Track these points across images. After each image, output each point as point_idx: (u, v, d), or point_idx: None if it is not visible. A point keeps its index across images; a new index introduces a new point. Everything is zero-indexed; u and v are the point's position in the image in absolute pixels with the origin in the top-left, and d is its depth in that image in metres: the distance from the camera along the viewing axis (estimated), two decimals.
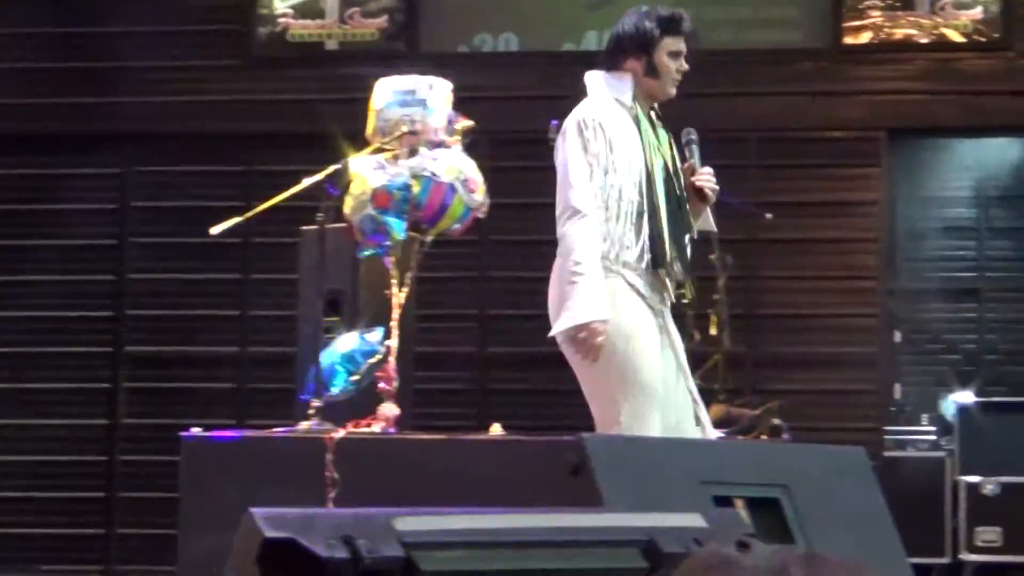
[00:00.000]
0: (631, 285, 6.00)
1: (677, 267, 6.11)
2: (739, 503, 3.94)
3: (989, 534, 12.23)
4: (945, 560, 12.30)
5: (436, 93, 6.78)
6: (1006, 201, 14.44)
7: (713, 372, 8.22)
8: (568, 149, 6.05)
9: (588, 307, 5.82)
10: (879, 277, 11.52)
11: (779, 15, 11.52)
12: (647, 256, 6.03)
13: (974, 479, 12.34)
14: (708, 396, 8.16)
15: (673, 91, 6.29)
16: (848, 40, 11.41)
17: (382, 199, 6.49)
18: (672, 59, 6.21)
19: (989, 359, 14.39)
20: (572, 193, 5.97)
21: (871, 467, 4.20)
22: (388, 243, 6.59)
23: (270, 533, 2.76)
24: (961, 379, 14.09)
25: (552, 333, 6.03)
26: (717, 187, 6.32)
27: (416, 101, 6.72)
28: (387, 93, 6.73)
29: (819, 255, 11.30)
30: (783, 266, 11.23)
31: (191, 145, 11.65)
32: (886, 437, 11.96)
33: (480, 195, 6.74)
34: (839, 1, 11.40)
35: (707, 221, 6.49)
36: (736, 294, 9.80)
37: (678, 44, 6.23)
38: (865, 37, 11.42)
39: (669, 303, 6.16)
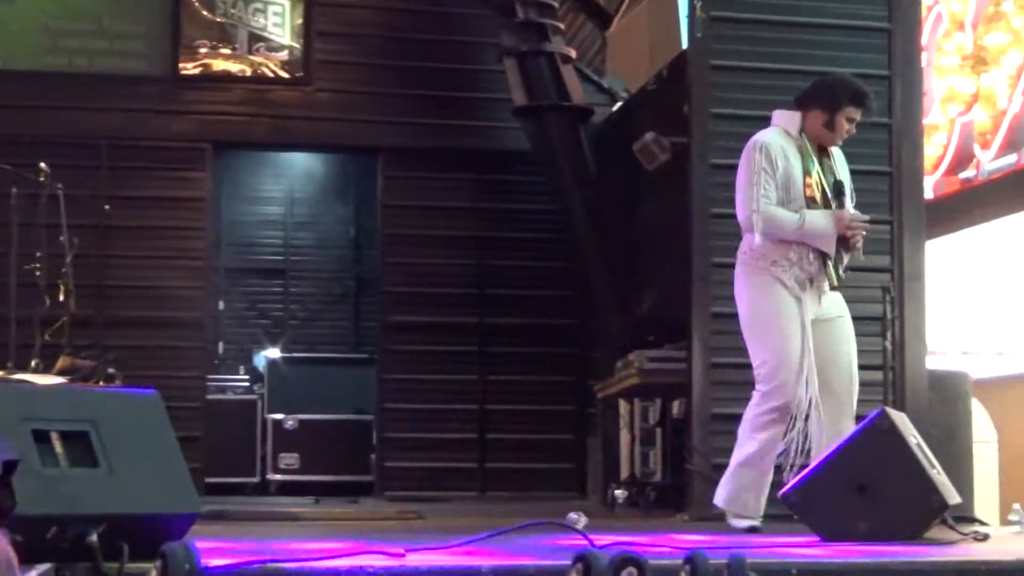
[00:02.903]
0: (776, 279, 6.10)
1: (816, 266, 6.17)
2: (55, 435, 3.88)
3: (289, 459, 12.49)
4: (256, 479, 12.47)
5: None
6: (306, 201, 14.83)
7: (61, 330, 8.03)
8: (743, 165, 6.18)
9: (827, 226, 6.08)
10: (205, 258, 11.50)
11: (128, 47, 11.37)
12: (792, 255, 6.13)
13: (278, 416, 12.57)
14: (56, 350, 8.02)
15: (839, 143, 6.29)
16: (184, 71, 11.38)
17: None
18: (848, 123, 6.21)
19: (291, 323, 14.73)
20: (747, 199, 6.10)
21: (163, 406, 4.17)
22: None
23: None
24: (270, 339, 14.35)
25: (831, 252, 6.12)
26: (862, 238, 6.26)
27: None
28: None
29: (159, 239, 11.18)
30: (131, 247, 11.06)
31: None
32: (210, 383, 11.99)
33: None
34: (177, 39, 11.36)
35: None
36: (87, 269, 9.59)
37: (857, 113, 6.21)
38: (197, 69, 11.42)
39: (818, 290, 6.18)
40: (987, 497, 10.31)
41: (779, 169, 6.11)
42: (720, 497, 6.30)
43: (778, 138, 6.20)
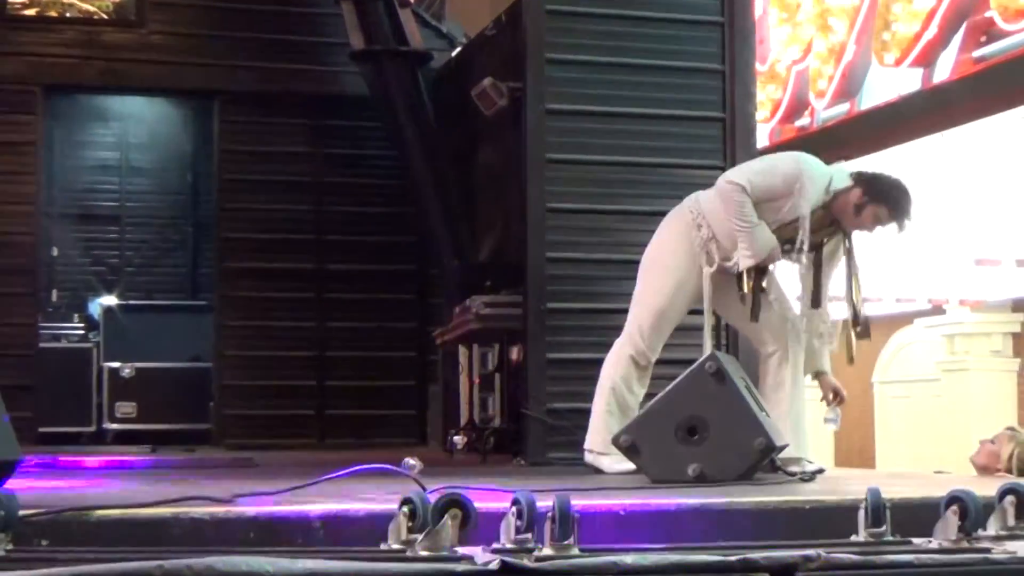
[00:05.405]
0: (700, 247, 6.31)
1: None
2: None
3: (126, 408, 12.34)
4: (92, 429, 12.31)
5: None
6: (141, 147, 14.58)
7: None
8: (777, 157, 6.53)
9: (763, 248, 6.19)
10: (36, 203, 11.24)
11: None
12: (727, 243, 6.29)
13: (115, 364, 12.39)
14: None
15: (852, 231, 6.23)
16: (11, 10, 11.11)
17: None
18: (873, 220, 6.14)
19: (127, 271, 14.51)
20: (746, 174, 6.25)
21: None
22: None
23: None
24: (106, 286, 14.12)
25: (744, 266, 6.24)
26: None
27: None
28: None
29: None
30: None
31: None
32: (43, 331, 11.75)
33: None
34: None
35: None
36: None
37: (887, 221, 6.13)
38: (26, 9, 11.16)
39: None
40: (819, 439, 10.52)
41: (791, 196, 6.13)
42: (595, 442, 6.36)
43: (820, 180, 6.19)
